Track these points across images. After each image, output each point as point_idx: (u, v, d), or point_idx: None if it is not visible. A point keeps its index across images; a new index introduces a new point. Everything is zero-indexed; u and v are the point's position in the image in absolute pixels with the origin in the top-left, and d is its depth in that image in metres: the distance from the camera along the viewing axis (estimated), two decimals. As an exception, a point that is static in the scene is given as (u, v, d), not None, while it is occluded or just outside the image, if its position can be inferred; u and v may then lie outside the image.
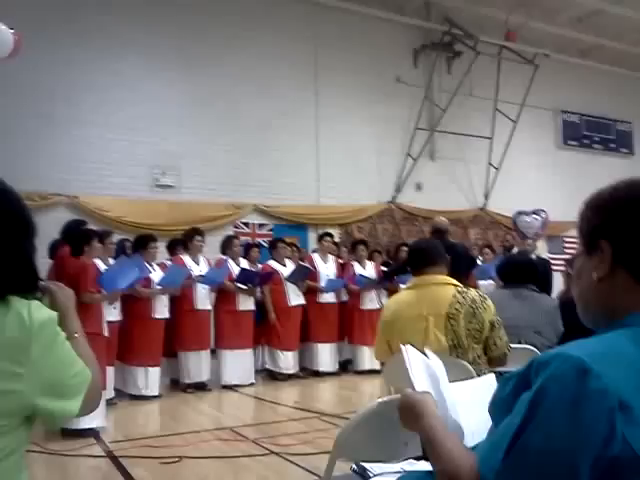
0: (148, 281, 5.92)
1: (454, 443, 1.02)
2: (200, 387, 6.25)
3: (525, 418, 0.86)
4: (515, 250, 8.23)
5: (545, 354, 0.90)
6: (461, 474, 0.94)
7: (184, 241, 6.68)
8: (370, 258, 7.79)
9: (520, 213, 10.09)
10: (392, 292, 6.53)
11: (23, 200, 1.18)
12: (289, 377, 6.82)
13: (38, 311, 1.09)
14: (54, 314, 1.12)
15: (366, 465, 1.78)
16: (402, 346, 1.49)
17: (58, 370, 1.10)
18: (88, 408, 1.19)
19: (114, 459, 3.88)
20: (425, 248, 2.92)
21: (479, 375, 2.42)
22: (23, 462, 1.13)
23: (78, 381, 1.14)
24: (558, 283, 6.11)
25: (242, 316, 6.55)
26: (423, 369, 1.37)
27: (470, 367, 2.40)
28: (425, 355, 1.47)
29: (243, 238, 8.08)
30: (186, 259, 6.46)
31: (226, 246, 6.85)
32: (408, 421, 1.20)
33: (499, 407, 0.95)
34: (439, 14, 10.88)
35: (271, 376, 6.86)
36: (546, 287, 5.85)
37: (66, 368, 1.12)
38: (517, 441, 0.86)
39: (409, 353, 1.42)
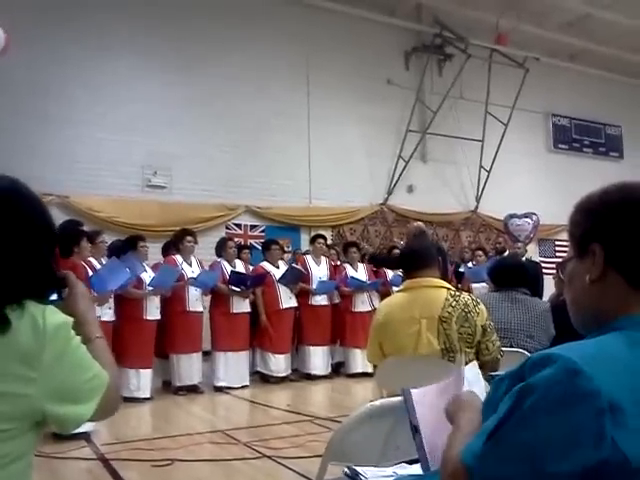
0: (140, 282, 5.89)
1: (464, 432, 1.02)
2: (192, 389, 6.23)
3: (510, 409, 0.86)
4: (507, 253, 8.28)
5: (538, 354, 0.90)
6: (449, 460, 0.95)
7: (175, 242, 6.65)
8: (362, 260, 7.81)
9: (512, 216, 10.17)
10: (384, 295, 6.55)
11: (43, 203, 1.18)
12: (281, 380, 6.80)
13: (53, 315, 1.08)
14: (69, 318, 1.11)
15: (358, 469, 1.78)
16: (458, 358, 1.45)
17: (71, 375, 1.09)
18: (105, 412, 1.17)
19: (105, 462, 3.85)
20: (417, 250, 2.92)
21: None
22: (30, 470, 1.12)
23: (92, 385, 1.13)
24: (549, 286, 6.14)
25: (237, 318, 6.53)
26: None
27: (462, 370, 2.41)
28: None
29: (235, 239, 8.05)
30: (178, 260, 6.43)
31: (221, 248, 6.83)
32: (453, 414, 1.11)
33: (492, 408, 0.95)
34: (430, 17, 10.94)
35: (263, 379, 6.84)
36: (537, 290, 5.89)
37: (80, 373, 1.11)
38: (499, 429, 0.86)
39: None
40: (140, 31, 8.81)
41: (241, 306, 6.58)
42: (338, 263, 7.91)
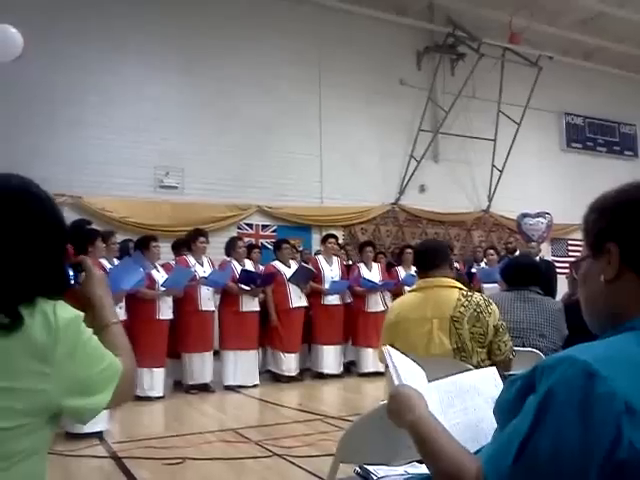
0: (152, 282, 5.92)
1: (452, 443, 1.00)
2: (203, 388, 6.25)
3: (533, 423, 0.85)
4: (518, 252, 8.22)
5: (551, 357, 0.89)
6: (465, 478, 0.92)
7: (187, 242, 6.69)
8: (375, 260, 7.79)
9: (525, 215, 10.10)
10: (397, 294, 6.53)
11: (54, 201, 1.18)
12: (292, 379, 6.81)
13: (63, 311, 1.09)
14: (80, 313, 1.12)
15: (369, 468, 1.78)
16: (384, 347, 1.47)
17: (85, 368, 1.10)
18: (121, 398, 1.20)
19: (117, 460, 3.88)
20: (430, 250, 2.91)
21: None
22: (45, 465, 1.13)
23: (106, 376, 1.14)
24: (562, 286, 6.10)
25: (246, 317, 6.55)
26: (409, 371, 1.35)
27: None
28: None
29: (247, 239, 8.07)
30: (190, 260, 6.46)
31: (230, 247, 6.85)
32: (398, 413, 1.16)
33: (504, 410, 0.95)
34: (442, 16, 10.90)
35: (274, 378, 6.86)
36: (550, 290, 5.84)
37: (93, 365, 1.12)
38: (526, 446, 0.84)
39: (393, 354, 1.39)
40: (149, 31, 8.85)
41: (250, 305, 6.59)
42: (350, 263, 7.91)
